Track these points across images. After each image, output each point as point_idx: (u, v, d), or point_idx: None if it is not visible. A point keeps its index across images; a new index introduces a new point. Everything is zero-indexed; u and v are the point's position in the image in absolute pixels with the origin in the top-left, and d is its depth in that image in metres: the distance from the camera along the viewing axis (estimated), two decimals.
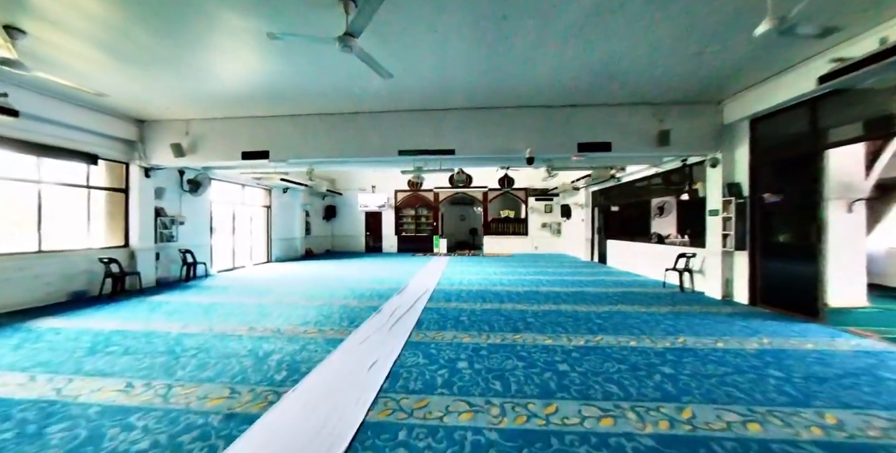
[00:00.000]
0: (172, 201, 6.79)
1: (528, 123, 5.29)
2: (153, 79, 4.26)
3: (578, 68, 4.09)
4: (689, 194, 6.21)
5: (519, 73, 4.17)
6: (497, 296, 5.28)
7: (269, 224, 10.08)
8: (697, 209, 6.23)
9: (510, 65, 3.97)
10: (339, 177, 13.98)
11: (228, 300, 5.02)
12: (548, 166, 6.86)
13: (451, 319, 4.02)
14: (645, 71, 4.11)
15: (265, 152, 5.61)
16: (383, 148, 5.44)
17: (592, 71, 4.15)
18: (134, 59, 3.73)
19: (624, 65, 3.95)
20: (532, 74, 4.23)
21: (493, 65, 3.95)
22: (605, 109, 5.22)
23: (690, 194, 6.18)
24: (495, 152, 5.34)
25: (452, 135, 5.35)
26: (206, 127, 5.74)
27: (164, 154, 5.77)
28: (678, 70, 4.09)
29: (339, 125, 5.50)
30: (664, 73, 4.14)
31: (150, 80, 4.31)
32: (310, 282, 6.64)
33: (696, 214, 6.49)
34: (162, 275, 6.45)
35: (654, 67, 4.01)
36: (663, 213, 7.82)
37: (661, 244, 7.13)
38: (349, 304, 4.75)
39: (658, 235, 7.35)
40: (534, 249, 13.52)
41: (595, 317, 4.15)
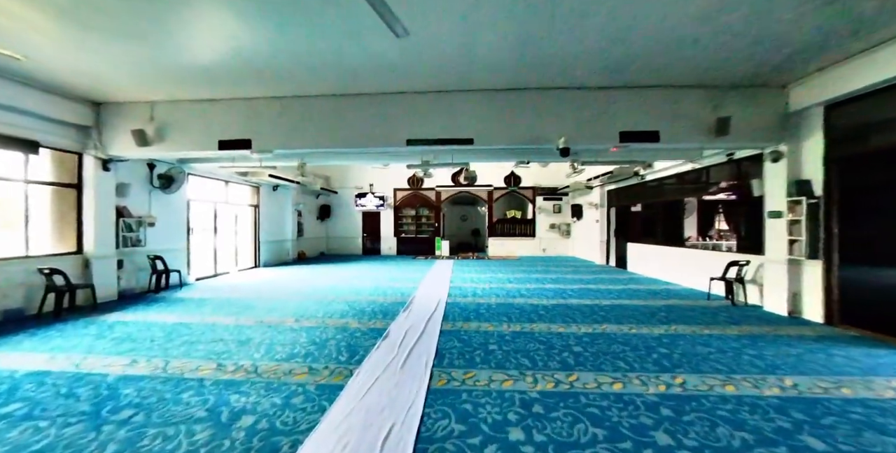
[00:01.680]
0: (139, 199, 5.85)
1: (560, 108, 4.48)
2: (109, 47, 3.37)
3: (629, 42, 3.33)
4: (740, 193, 5.46)
5: (559, 44, 3.37)
6: (522, 313, 4.47)
7: (257, 225, 9.14)
8: (736, 209, 5.52)
9: (550, 34, 3.18)
10: (335, 174, 13.05)
11: (200, 319, 4.13)
12: (573, 161, 6.08)
13: (479, 348, 3.19)
14: (704, 45, 3.37)
15: (246, 141, 4.71)
16: (388, 137, 4.58)
17: (644, 46, 3.39)
18: (82, 18, 2.84)
19: (678, 36, 3.21)
20: (574, 48, 3.44)
21: (529, 32, 3.15)
22: (651, 93, 4.44)
23: (741, 193, 5.43)
24: (521, 142, 4.52)
25: (471, 122, 4.52)
26: (176, 110, 4.82)
27: (125, 142, 4.83)
28: (738, 44, 3.36)
29: (335, 109, 4.62)
30: (724, 46, 3.40)
31: (105, 49, 3.42)
32: (301, 293, 5.75)
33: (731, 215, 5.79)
34: (127, 285, 5.52)
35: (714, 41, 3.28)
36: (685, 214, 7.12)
37: (700, 248, 6.41)
38: (348, 326, 3.90)
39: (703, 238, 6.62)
40: (542, 252, 12.77)
41: (654, 342, 3.36)
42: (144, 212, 5.92)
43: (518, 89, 4.45)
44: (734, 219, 5.66)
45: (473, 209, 16.78)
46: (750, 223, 5.33)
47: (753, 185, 4.95)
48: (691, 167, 6.42)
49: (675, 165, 6.78)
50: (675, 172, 6.91)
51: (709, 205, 6.66)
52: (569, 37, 3.23)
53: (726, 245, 6.09)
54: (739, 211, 5.54)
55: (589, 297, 5.45)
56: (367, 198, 12.90)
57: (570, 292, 5.87)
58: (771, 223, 4.62)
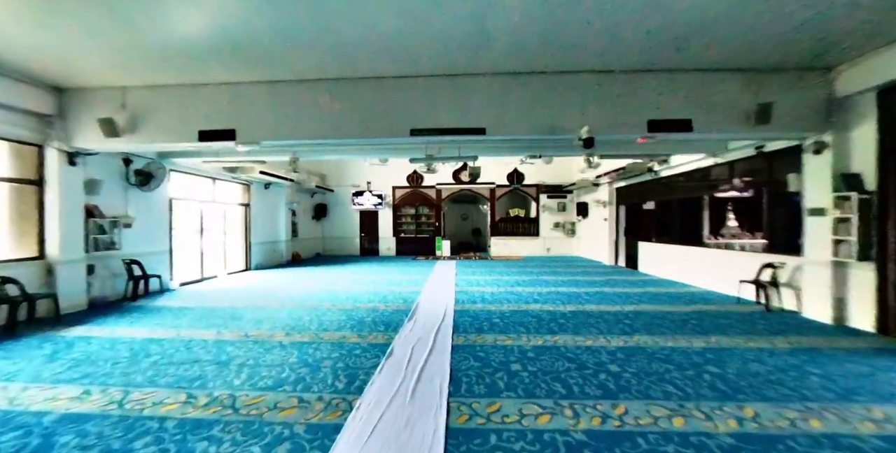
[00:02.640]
0: (114, 198, 5.30)
1: (582, 94, 4.02)
2: (73, 22, 2.88)
3: (661, 18, 2.90)
4: (771, 189, 5.03)
5: (585, 19, 2.91)
6: (541, 322, 4.01)
7: (248, 225, 8.60)
8: (765, 207, 5.11)
9: (576, 6, 2.72)
10: (330, 171, 12.51)
11: (176, 334, 3.62)
12: (589, 155, 5.63)
13: (500, 369, 2.73)
14: (742, 23, 2.97)
15: (230, 132, 4.20)
16: (391, 126, 4.09)
17: (677, 21, 2.96)
18: None
19: (716, 13, 2.82)
20: (600, 24, 2.98)
21: (553, 3, 2.69)
22: (683, 77, 3.99)
23: (773, 189, 5.00)
24: (539, 132, 4.05)
25: (483, 109, 4.04)
26: (150, 97, 4.29)
27: (93, 133, 4.29)
28: (782, 22, 2.98)
29: (331, 95, 4.12)
30: (766, 24, 3.02)
31: (69, 25, 2.92)
32: (294, 299, 5.26)
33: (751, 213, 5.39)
34: (100, 293, 4.98)
35: (756, 18, 2.89)
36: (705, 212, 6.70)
37: (722, 248, 6.01)
38: (345, 340, 3.42)
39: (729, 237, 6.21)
40: (546, 251, 12.36)
41: (699, 359, 2.92)
42: (120, 211, 5.38)
43: (536, 73, 3.98)
44: (762, 218, 5.25)
45: (474, 208, 16.32)
46: (783, 222, 4.92)
47: (790, 180, 4.54)
48: (714, 162, 6.01)
49: (694, 160, 6.36)
50: (694, 168, 6.49)
51: (731, 202, 6.25)
52: (593, 11, 2.78)
53: (751, 245, 5.69)
54: (769, 209, 5.13)
55: (607, 302, 5.02)
56: (364, 196, 12.38)
57: (585, 296, 5.43)
58: (811, 222, 4.21)
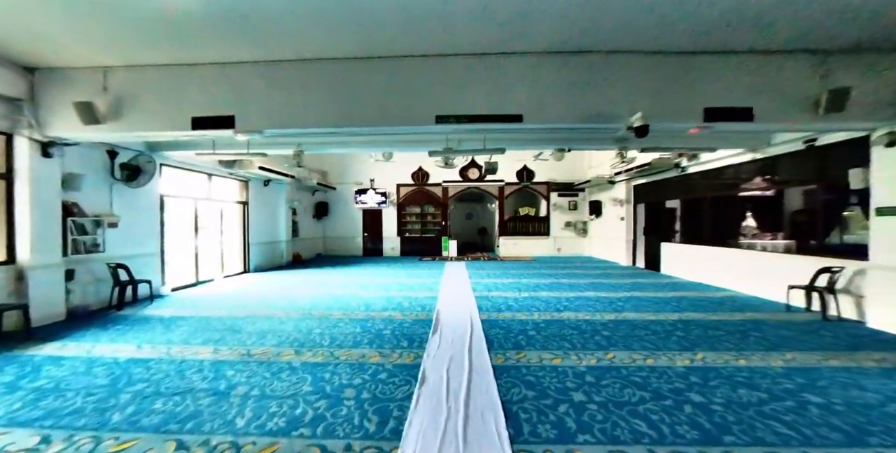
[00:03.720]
0: (97, 194, 4.75)
1: (632, 77, 3.54)
2: None
3: None
4: (826, 187, 4.60)
5: None
6: (582, 334, 3.54)
7: (246, 224, 8.05)
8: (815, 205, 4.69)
9: None
10: (332, 168, 11.96)
11: (166, 352, 3.10)
12: (621, 148, 5.17)
13: (561, 400, 2.25)
14: None
15: (228, 118, 3.67)
16: (412, 112, 3.58)
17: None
18: None
19: None
20: None
21: None
22: (743, 59, 3.52)
23: (827, 187, 4.57)
24: (582, 120, 3.57)
25: (521, 94, 3.54)
26: (136, 78, 3.74)
27: (69, 120, 3.74)
28: None
29: (343, 77, 3.60)
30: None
31: None
32: (300, 307, 4.74)
33: (806, 212, 4.97)
34: (81, 301, 4.43)
35: None
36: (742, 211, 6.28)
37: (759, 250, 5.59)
38: (366, 360, 2.92)
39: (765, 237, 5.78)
40: (556, 252, 11.92)
41: (789, 383, 2.46)
42: (104, 209, 4.83)
43: (581, 52, 3.50)
44: (811, 217, 4.83)
45: (480, 206, 15.85)
46: (837, 222, 4.51)
47: (852, 176, 4.11)
48: (752, 157, 5.59)
49: (729, 156, 5.94)
50: (727, 164, 6.07)
51: (771, 200, 5.83)
52: None
53: (782, 246, 5.27)
54: (820, 207, 4.71)
55: (646, 309, 4.57)
56: (367, 194, 11.85)
57: (618, 302, 4.98)
58: (880, 222, 3.79)
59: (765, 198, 5.74)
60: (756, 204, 5.88)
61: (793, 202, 5.45)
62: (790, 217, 5.51)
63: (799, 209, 5.25)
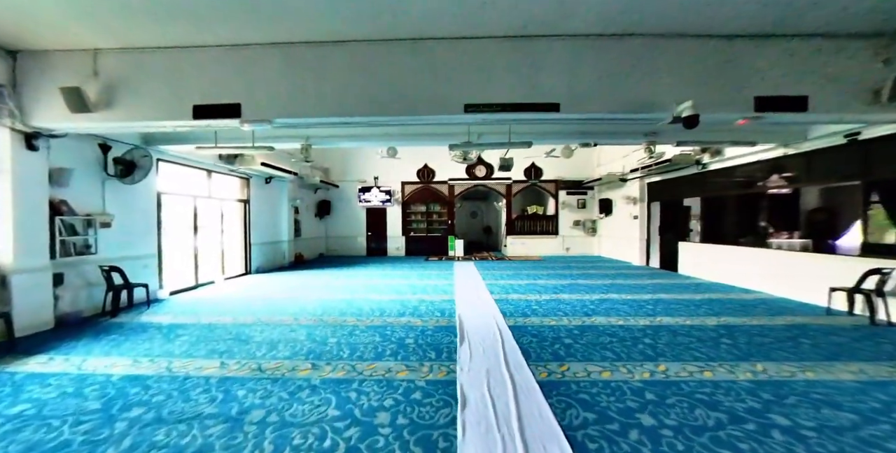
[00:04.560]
0: (88, 191, 4.38)
1: (676, 64, 3.24)
2: None
3: None
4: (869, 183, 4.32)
5: None
6: (623, 343, 3.23)
7: (247, 223, 7.68)
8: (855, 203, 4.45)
9: None
10: (334, 165, 11.58)
11: (166, 367, 2.76)
12: (649, 143, 4.89)
13: (629, 424, 1.95)
14: None
15: (234, 107, 3.32)
16: (438, 101, 3.26)
17: None
18: None
19: None
20: None
21: None
22: (796, 44, 3.23)
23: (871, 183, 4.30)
24: (624, 109, 3.27)
25: (556, 80, 3.23)
26: (130, 62, 3.38)
27: (56, 108, 3.38)
28: None
29: (363, 61, 3.27)
30: None
31: None
32: (310, 312, 4.41)
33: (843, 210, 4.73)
34: (71, 307, 4.07)
35: None
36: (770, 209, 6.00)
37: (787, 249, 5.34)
38: (394, 376, 2.60)
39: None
40: (565, 251, 11.67)
41: (874, 402, 2.19)
42: (95, 208, 4.46)
43: (622, 36, 3.19)
44: (851, 216, 4.59)
45: (485, 204, 15.57)
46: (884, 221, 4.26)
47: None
48: (783, 153, 5.34)
49: (756, 151, 5.68)
50: (756, 160, 5.81)
51: (803, 198, 5.57)
52: None
53: (823, 246, 5.02)
54: (861, 205, 4.46)
55: (679, 313, 4.29)
56: (371, 192, 11.50)
57: (647, 306, 4.70)
58: None
59: (796, 195, 5.49)
60: (786, 202, 5.63)
61: (828, 200, 5.20)
62: (824, 216, 5.26)
63: (835, 208, 5.01)
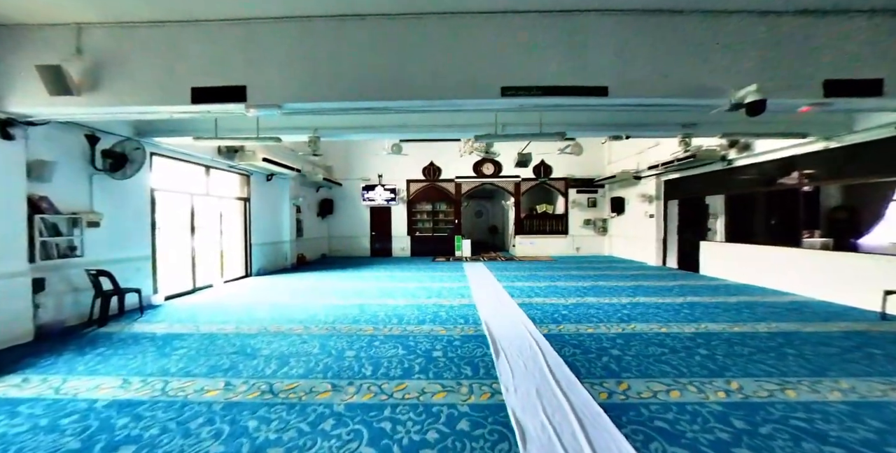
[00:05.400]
0: (73, 187, 3.95)
1: (737, 44, 2.89)
2: None
3: None
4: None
5: None
6: (675, 353, 2.87)
7: (248, 223, 7.26)
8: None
9: None
10: (337, 162, 11.15)
11: (160, 388, 2.35)
12: (685, 136, 4.56)
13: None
14: None
15: (238, 89, 2.93)
16: (472, 83, 2.89)
17: None
18: None
19: None
20: None
21: None
22: (871, 20, 2.92)
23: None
24: (679, 93, 2.91)
25: (603, 62, 2.87)
26: (119, 38, 2.98)
27: (34, 91, 2.96)
28: None
29: (386, 39, 2.89)
30: None
31: None
32: (321, 320, 4.01)
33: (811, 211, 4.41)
34: (54, 316, 3.65)
35: None
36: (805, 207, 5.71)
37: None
38: (431, 399, 2.21)
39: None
40: (575, 251, 11.34)
41: None
42: (82, 205, 4.03)
43: (677, 12, 2.84)
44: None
45: (490, 203, 15.23)
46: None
47: None
48: (824, 146, 5.03)
49: (790, 146, 5.38)
50: (791, 154, 5.51)
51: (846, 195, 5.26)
52: None
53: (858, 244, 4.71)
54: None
55: (721, 319, 3.94)
56: (376, 190, 11.10)
57: (684, 310, 4.36)
58: None
59: (836, 192, 5.18)
60: (824, 199, 5.33)
61: (871, 197, 4.90)
62: (869, 214, 4.96)
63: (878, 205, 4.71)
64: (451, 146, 11.38)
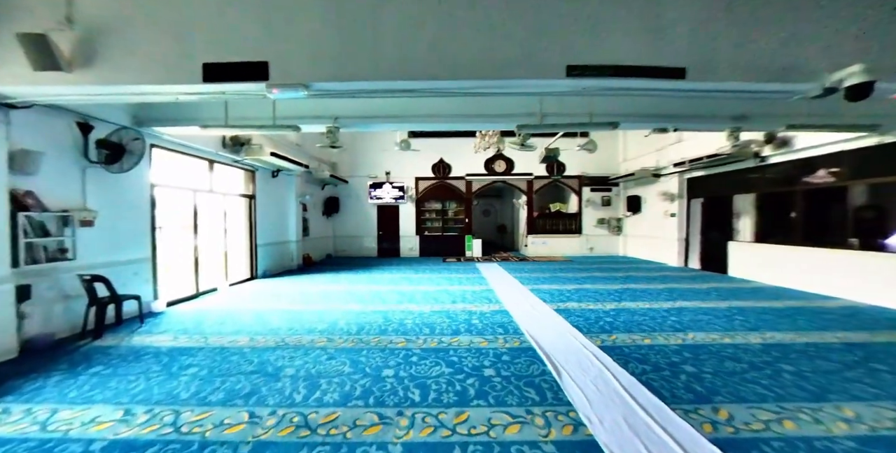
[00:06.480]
0: (63, 181, 3.50)
1: (834, 18, 2.56)
2: None
3: None
4: None
5: None
6: (758, 371, 2.51)
7: (253, 222, 6.81)
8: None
9: None
10: (342, 158, 10.69)
11: (169, 425, 1.93)
12: (734, 130, 4.22)
13: None
14: None
15: (259, 66, 2.51)
16: (534, 61, 2.48)
17: None
18: None
19: None
20: None
21: None
22: None
23: None
24: (765, 77, 2.53)
25: (679, 41, 2.48)
26: (118, 5, 2.53)
27: (15, 65, 2.52)
28: None
29: (434, 9, 2.48)
30: None
31: None
32: (339, 331, 3.60)
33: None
34: (42, 328, 3.20)
35: None
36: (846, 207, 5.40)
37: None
38: (501, 434, 1.79)
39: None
40: (588, 251, 11.03)
41: None
42: (73, 202, 3.58)
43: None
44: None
45: (499, 202, 14.87)
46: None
47: None
48: (878, 141, 4.73)
49: (832, 142, 5.08)
50: (833, 151, 5.20)
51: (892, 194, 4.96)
52: None
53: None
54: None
55: (784, 328, 3.59)
56: (383, 188, 10.67)
57: (733, 317, 4.03)
58: None
59: (891, 190, 4.88)
60: (875, 197, 5.03)
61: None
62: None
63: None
64: (462, 142, 10.98)
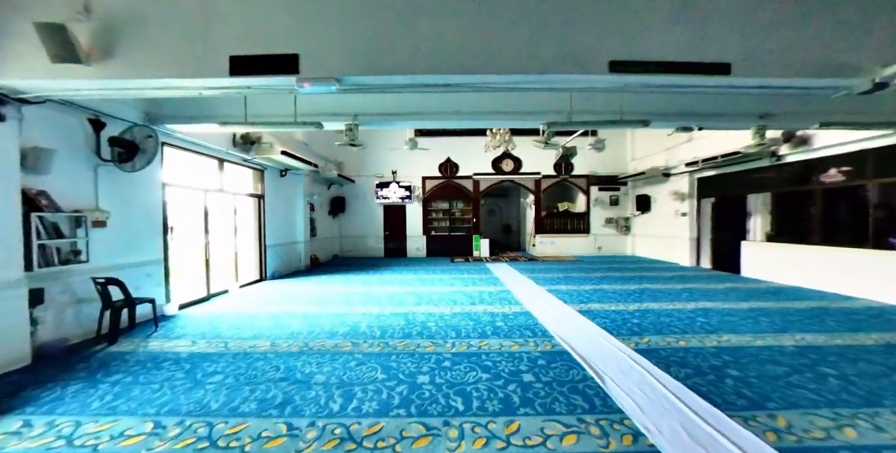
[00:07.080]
0: (76, 180, 3.36)
1: (873, 12, 2.49)
2: None
3: None
4: None
5: None
6: (801, 375, 2.43)
7: (262, 222, 6.68)
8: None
9: None
10: (348, 158, 10.55)
11: (199, 442, 1.85)
12: (760, 129, 4.15)
13: None
14: None
15: (289, 58, 2.40)
16: (576, 56, 2.38)
17: None
18: None
19: None
20: None
21: None
22: None
23: None
24: (812, 72, 2.44)
25: (724, 36, 2.38)
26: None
27: (32, 58, 2.39)
28: None
29: (469, 2, 2.40)
30: None
31: None
32: (362, 335, 3.49)
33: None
34: (56, 333, 3.07)
35: None
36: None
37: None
38: (558, 446, 1.71)
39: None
40: (597, 251, 10.97)
41: None
42: (86, 202, 3.45)
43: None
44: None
45: (504, 201, 14.78)
46: None
47: None
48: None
49: (853, 141, 5.03)
50: (854, 150, 5.16)
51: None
52: None
53: None
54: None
55: (814, 330, 3.51)
56: (390, 188, 10.56)
57: (760, 318, 3.95)
58: None
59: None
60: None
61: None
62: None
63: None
64: (469, 141, 10.89)
